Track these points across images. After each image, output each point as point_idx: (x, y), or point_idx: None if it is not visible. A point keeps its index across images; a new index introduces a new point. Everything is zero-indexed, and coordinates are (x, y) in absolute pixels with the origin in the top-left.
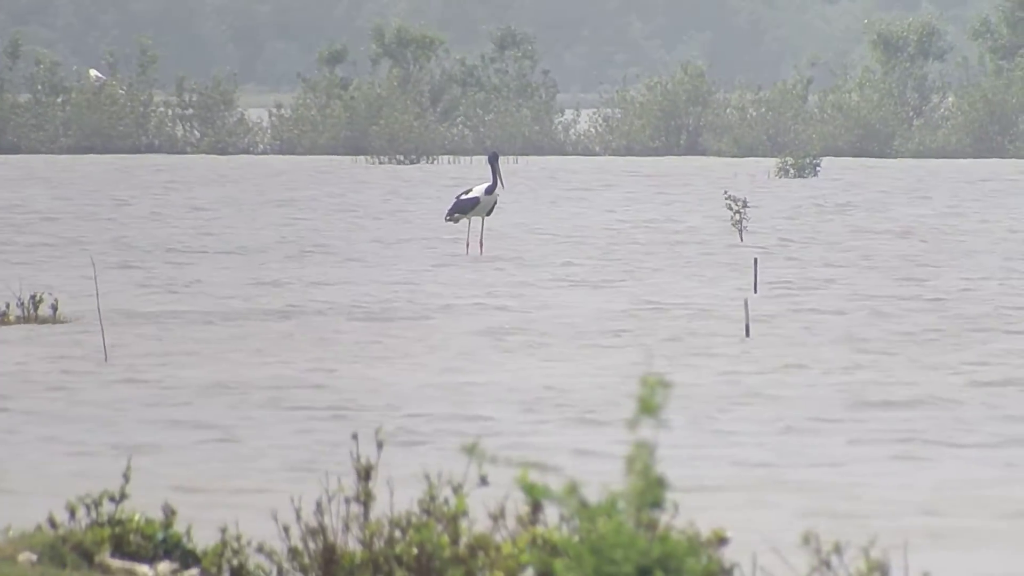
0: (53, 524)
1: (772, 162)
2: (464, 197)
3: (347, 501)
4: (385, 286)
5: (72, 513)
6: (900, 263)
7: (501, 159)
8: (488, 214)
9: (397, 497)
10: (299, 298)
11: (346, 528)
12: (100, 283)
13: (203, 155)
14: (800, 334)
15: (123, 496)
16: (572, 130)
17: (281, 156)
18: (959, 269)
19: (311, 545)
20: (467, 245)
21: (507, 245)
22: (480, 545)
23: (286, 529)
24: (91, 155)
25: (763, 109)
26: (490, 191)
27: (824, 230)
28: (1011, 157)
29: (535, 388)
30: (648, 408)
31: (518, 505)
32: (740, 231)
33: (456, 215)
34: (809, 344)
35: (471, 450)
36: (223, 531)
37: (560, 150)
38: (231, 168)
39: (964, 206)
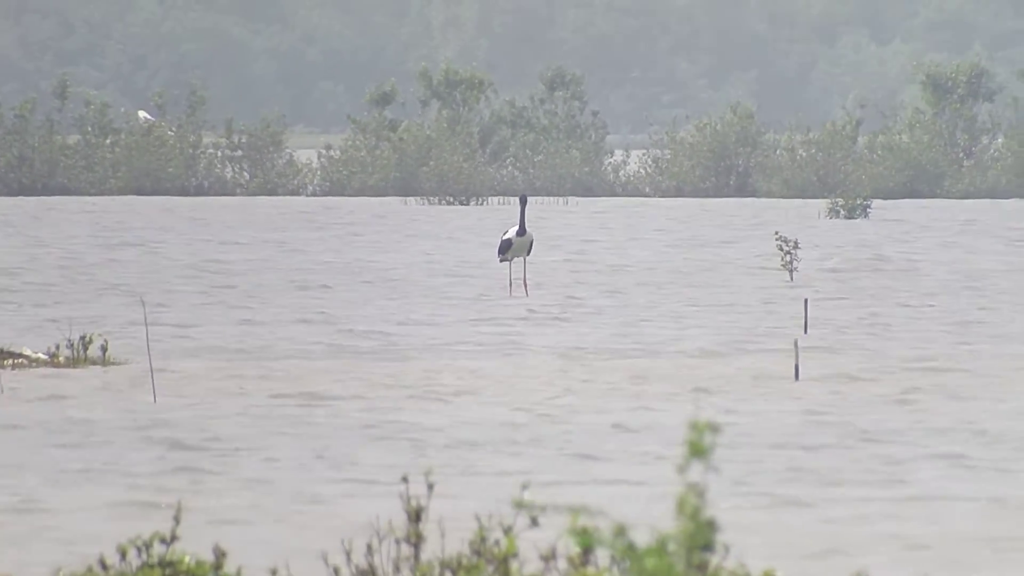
0: (104, 566)
1: (822, 203)
2: (503, 239)
3: (397, 542)
4: (429, 325)
5: (123, 555)
6: (953, 305)
7: (545, 200)
8: (528, 253)
9: (448, 539)
10: (344, 335)
11: (396, 569)
12: (150, 324)
13: (252, 196)
14: (850, 376)
15: (174, 538)
16: (622, 171)
17: (331, 197)
18: (1017, 311)
19: None
20: (510, 285)
21: (553, 284)
22: None
23: (336, 571)
24: (140, 196)
25: (813, 150)
26: (521, 233)
27: (874, 271)
28: None
29: (584, 426)
30: (697, 451)
31: (569, 546)
32: (791, 271)
33: (501, 256)
34: (859, 387)
35: (520, 503)
36: (273, 573)
37: (610, 191)
38: (281, 208)
39: (1017, 247)
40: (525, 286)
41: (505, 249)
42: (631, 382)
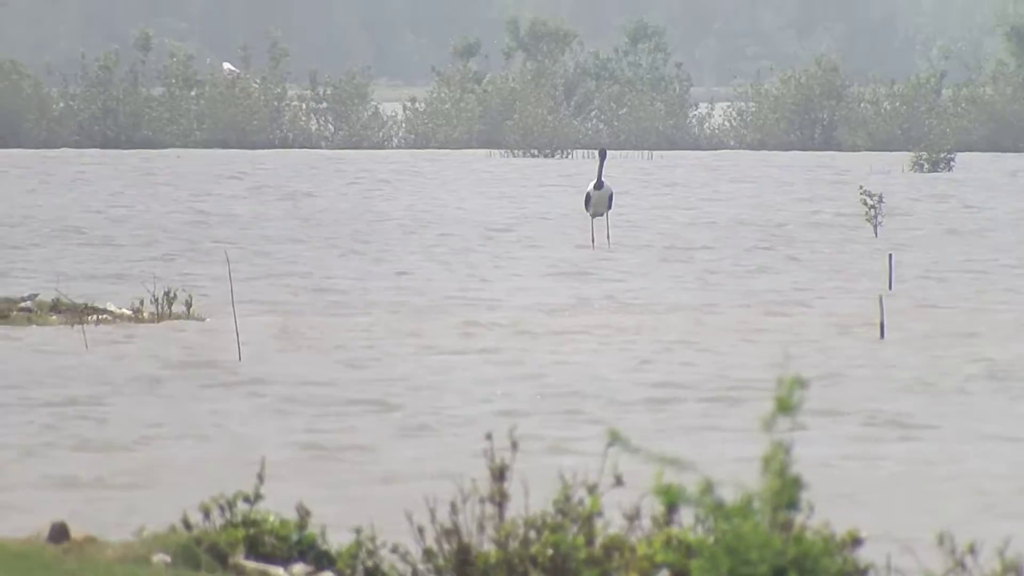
0: (187, 525)
1: (906, 156)
2: (586, 193)
3: (481, 501)
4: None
5: (206, 514)
6: None
7: (629, 153)
8: (608, 207)
9: (532, 498)
10: (427, 289)
11: (480, 529)
12: (235, 279)
13: (338, 149)
14: (935, 333)
15: (257, 497)
16: (706, 124)
17: (416, 150)
18: None
19: (445, 546)
20: (592, 239)
21: (636, 238)
22: (615, 546)
23: (420, 530)
24: (225, 149)
25: (897, 103)
26: (599, 187)
27: (959, 225)
28: None
29: (667, 380)
30: (784, 407)
31: (653, 505)
32: (875, 226)
33: (587, 210)
34: (943, 344)
35: (614, 436)
36: (357, 532)
37: (694, 144)
38: (370, 162)
39: None
40: (608, 238)
41: (586, 204)
42: (714, 336)
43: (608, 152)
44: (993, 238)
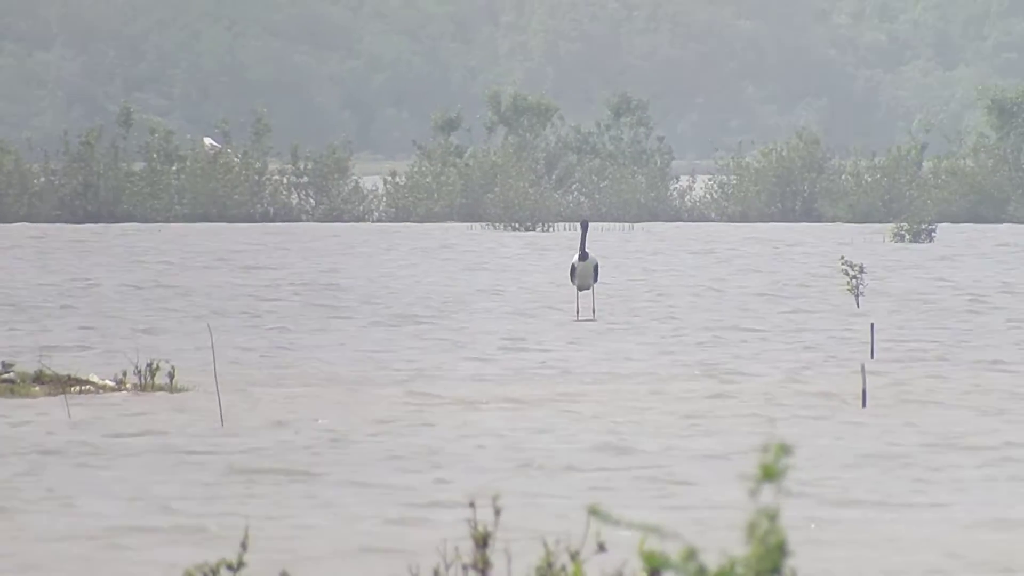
0: None
1: (888, 228)
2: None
3: (464, 568)
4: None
5: None
6: (1021, 333)
7: (611, 225)
8: (595, 279)
9: (515, 564)
10: (411, 359)
11: None
12: (217, 350)
13: (318, 223)
14: (918, 402)
15: (240, 565)
16: (688, 196)
17: (396, 224)
18: None
19: None
20: (577, 310)
21: (619, 308)
22: None
23: None
24: (205, 223)
25: (878, 175)
26: (583, 258)
27: (940, 297)
28: None
29: (650, 450)
30: (770, 473)
31: (636, 571)
32: (856, 296)
33: (573, 282)
34: (927, 413)
35: (595, 511)
36: None
37: (676, 216)
38: (346, 234)
39: None
40: (593, 311)
41: (572, 275)
42: (698, 406)
43: (589, 224)
44: (975, 308)
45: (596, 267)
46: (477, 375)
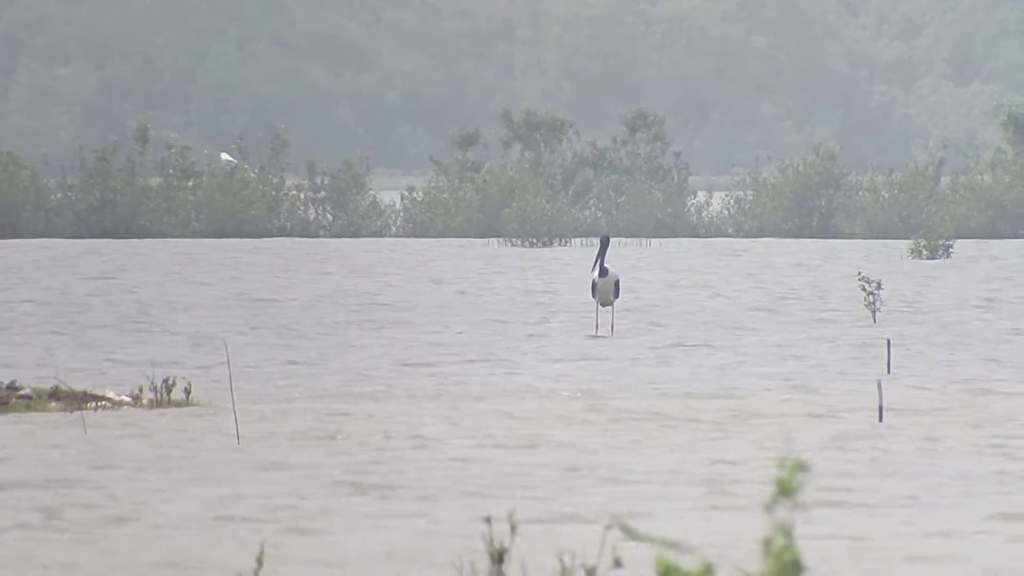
0: None
1: (905, 244)
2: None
3: None
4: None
5: None
6: None
7: (628, 241)
8: (616, 295)
9: None
10: (428, 374)
11: None
12: (233, 366)
13: (336, 238)
14: (935, 418)
15: None
16: (705, 212)
17: (414, 239)
18: None
19: None
20: (596, 326)
21: (636, 324)
22: None
23: None
24: (223, 239)
25: (895, 191)
26: (603, 274)
27: (958, 313)
28: None
29: (666, 466)
30: (786, 489)
31: None
32: (873, 312)
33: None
34: (945, 429)
35: (612, 525)
36: None
37: (693, 232)
38: (365, 250)
39: None
40: (612, 327)
41: (593, 291)
42: (714, 422)
43: (610, 240)
44: (993, 324)
45: (617, 283)
46: (497, 387)
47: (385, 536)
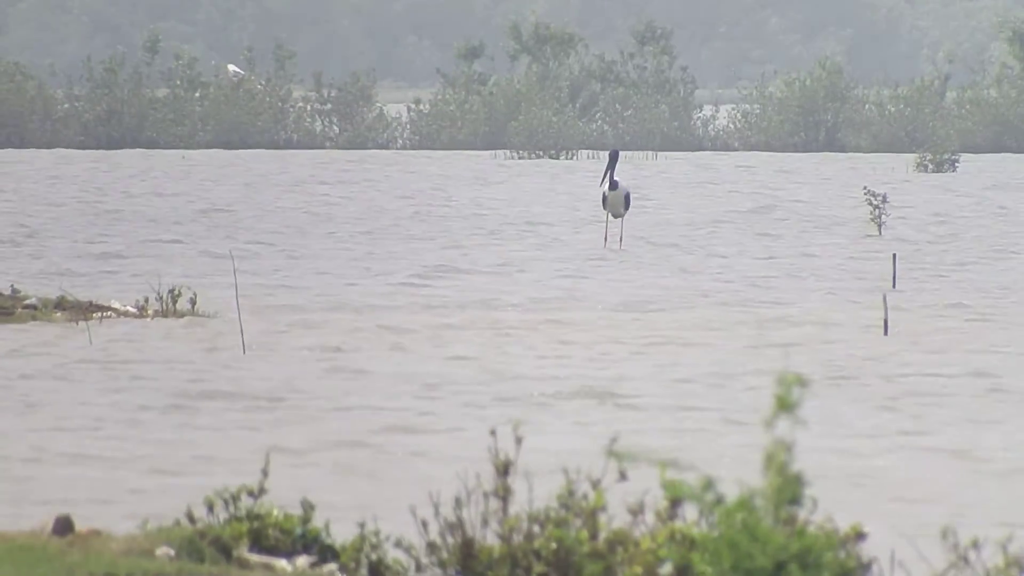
0: (191, 519)
1: (911, 158)
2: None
3: (485, 496)
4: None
5: (210, 508)
6: None
7: (635, 154)
8: (626, 207)
9: (536, 492)
10: (434, 285)
11: (484, 523)
12: (238, 276)
13: (342, 150)
14: (939, 331)
15: (262, 491)
16: (711, 126)
17: (420, 151)
18: None
19: (449, 540)
20: (605, 238)
21: (642, 237)
22: (619, 540)
23: (424, 524)
24: (229, 150)
25: (901, 105)
26: (613, 187)
27: (964, 225)
28: None
29: (669, 379)
30: (785, 405)
31: (656, 500)
32: (879, 226)
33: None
34: (949, 341)
35: (613, 453)
36: (361, 526)
37: (698, 146)
38: (374, 162)
39: None
40: (620, 240)
41: (604, 203)
42: (718, 335)
43: (619, 153)
44: (997, 238)
45: (627, 196)
46: (506, 298)
47: (391, 448)
